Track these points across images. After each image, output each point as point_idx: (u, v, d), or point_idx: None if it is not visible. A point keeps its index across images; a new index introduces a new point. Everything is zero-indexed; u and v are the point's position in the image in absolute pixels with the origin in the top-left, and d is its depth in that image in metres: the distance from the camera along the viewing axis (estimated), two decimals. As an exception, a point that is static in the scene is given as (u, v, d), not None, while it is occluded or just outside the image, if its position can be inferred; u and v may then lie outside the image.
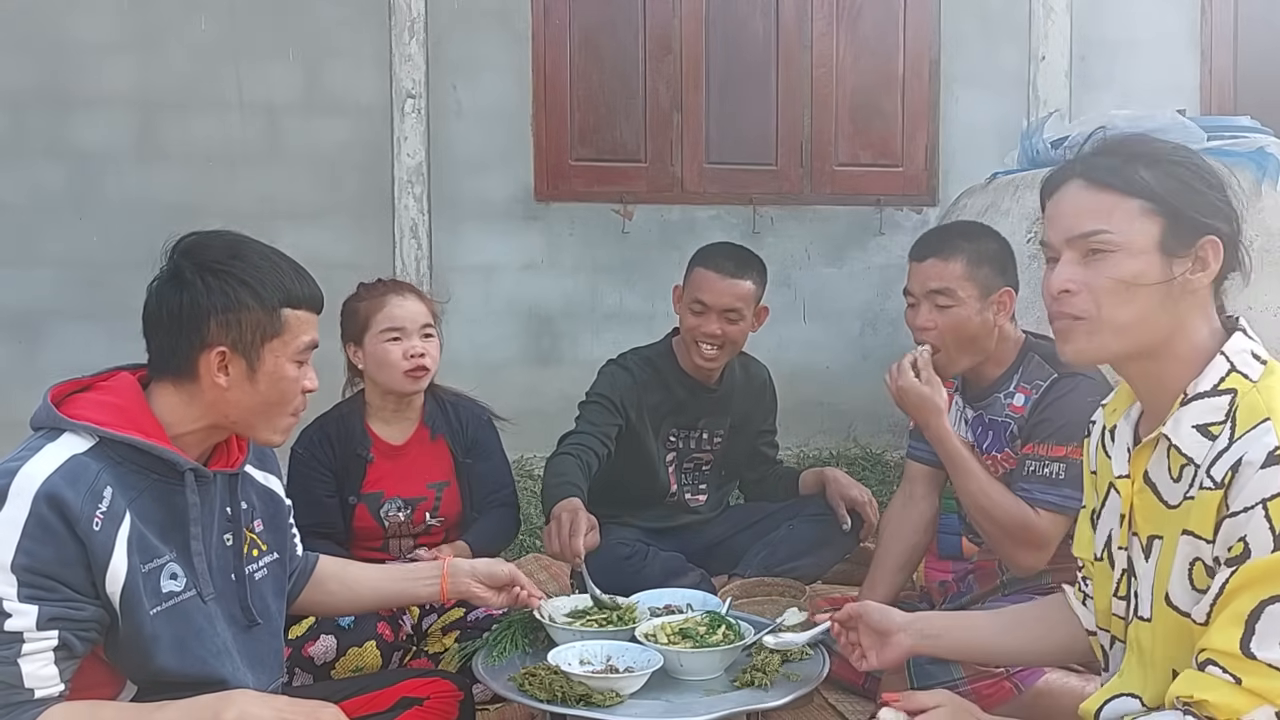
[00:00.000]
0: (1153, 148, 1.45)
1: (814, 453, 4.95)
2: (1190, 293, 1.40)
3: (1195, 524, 1.33)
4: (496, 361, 4.81)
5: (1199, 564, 1.33)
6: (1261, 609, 1.23)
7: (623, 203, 4.99)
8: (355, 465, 2.57)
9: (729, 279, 2.87)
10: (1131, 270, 1.39)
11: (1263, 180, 3.65)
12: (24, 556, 1.42)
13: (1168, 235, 1.39)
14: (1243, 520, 1.26)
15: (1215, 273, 1.41)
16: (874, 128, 5.26)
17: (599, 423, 2.86)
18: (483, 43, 4.84)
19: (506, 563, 2.11)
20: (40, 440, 1.53)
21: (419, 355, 2.52)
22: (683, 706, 1.85)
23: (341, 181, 4.74)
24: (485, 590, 2.04)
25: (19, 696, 1.42)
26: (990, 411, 2.50)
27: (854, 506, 3.06)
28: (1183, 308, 1.41)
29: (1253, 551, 1.25)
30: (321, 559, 2.03)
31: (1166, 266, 1.39)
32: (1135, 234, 1.40)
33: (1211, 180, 1.43)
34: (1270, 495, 1.25)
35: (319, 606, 2.04)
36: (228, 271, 1.61)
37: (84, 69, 4.49)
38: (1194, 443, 1.37)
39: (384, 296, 2.58)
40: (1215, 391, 1.37)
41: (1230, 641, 1.24)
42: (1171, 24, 5.49)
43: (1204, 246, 1.40)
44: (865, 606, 1.86)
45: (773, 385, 3.26)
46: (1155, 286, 1.39)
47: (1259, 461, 1.27)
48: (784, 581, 2.85)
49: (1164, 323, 1.41)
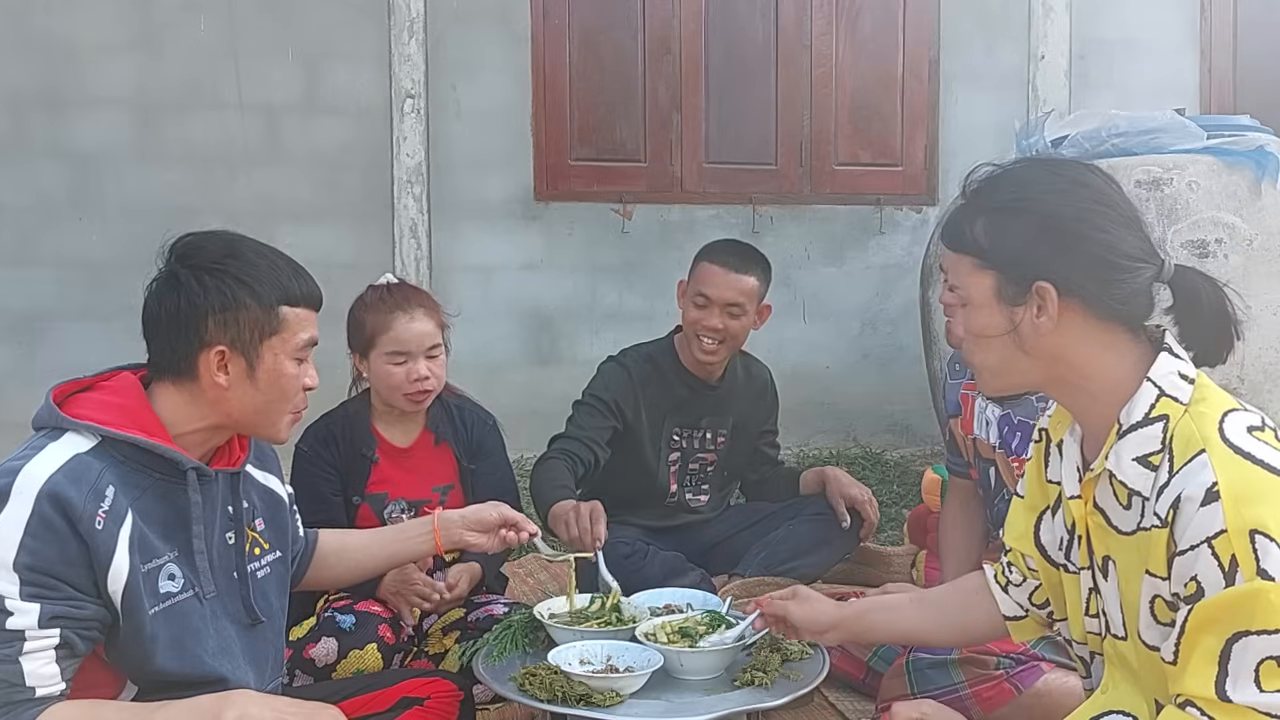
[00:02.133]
0: (992, 198, 1.46)
1: (814, 452, 4.95)
2: (1044, 335, 1.40)
3: (1151, 563, 1.33)
4: (496, 361, 4.82)
5: (1159, 600, 1.33)
6: (1229, 648, 1.23)
7: (622, 202, 4.99)
8: (360, 465, 2.57)
9: (733, 274, 2.88)
10: (978, 323, 1.45)
11: (1262, 179, 3.65)
12: (26, 555, 1.42)
13: (1002, 286, 1.42)
14: (1191, 559, 1.26)
15: (1055, 315, 1.39)
16: (873, 127, 5.27)
17: (588, 427, 2.88)
18: (482, 43, 4.85)
19: (495, 506, 2.14)
20: (42, 440, 1.53)
21: (422, 379, 2.51)
22: (683, 706, 1.85)
23: (341, 182, 4.75)
24: (477, 536, 2.09)
25: (20, 695, 1.42)
26: (1020, 411, 2.41)
27: (854, 505, 3.06)
28: (1054, 347, 1.41)
29: (1206, 590, 1.24)
30: (321, 535, 2.04)
31: (1008, 316, 1.42)
32: (973, 289, 1.45)
33: (1049, 222, 1.39)
34: (1214, 533, 1.24)
35: (323, 582, 2.07)
36: (224, 270, 1.61)
37: (84, 69, 4.50)
38: (1137, 475, 1.36)
39: (391, 314, 2.50)
40: (1148, 420, 1.36)
41: (1205, 686, 1.24)
42: (1171, 23, 5.50)
43: (1037, 292, 1.40)
44: (788, 610, 1.88)
45: (774, 386, 3.26)
46: (1004, 336, 1.43)
47: (1198, 499, 1.26)
48: (784, 581, 2.85)
49: (1036, 365, 1.43)
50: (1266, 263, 3.66)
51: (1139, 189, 3.65)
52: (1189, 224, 3.61)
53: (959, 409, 2.61)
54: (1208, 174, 3.64)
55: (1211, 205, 3.62)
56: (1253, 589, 1.21)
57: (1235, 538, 1.23)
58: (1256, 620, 1.21)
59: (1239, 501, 1.24)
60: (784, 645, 2.01)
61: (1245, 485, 1.26)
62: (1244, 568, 1.22)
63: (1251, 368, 3.64)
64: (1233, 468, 1.27)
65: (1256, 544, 1.22)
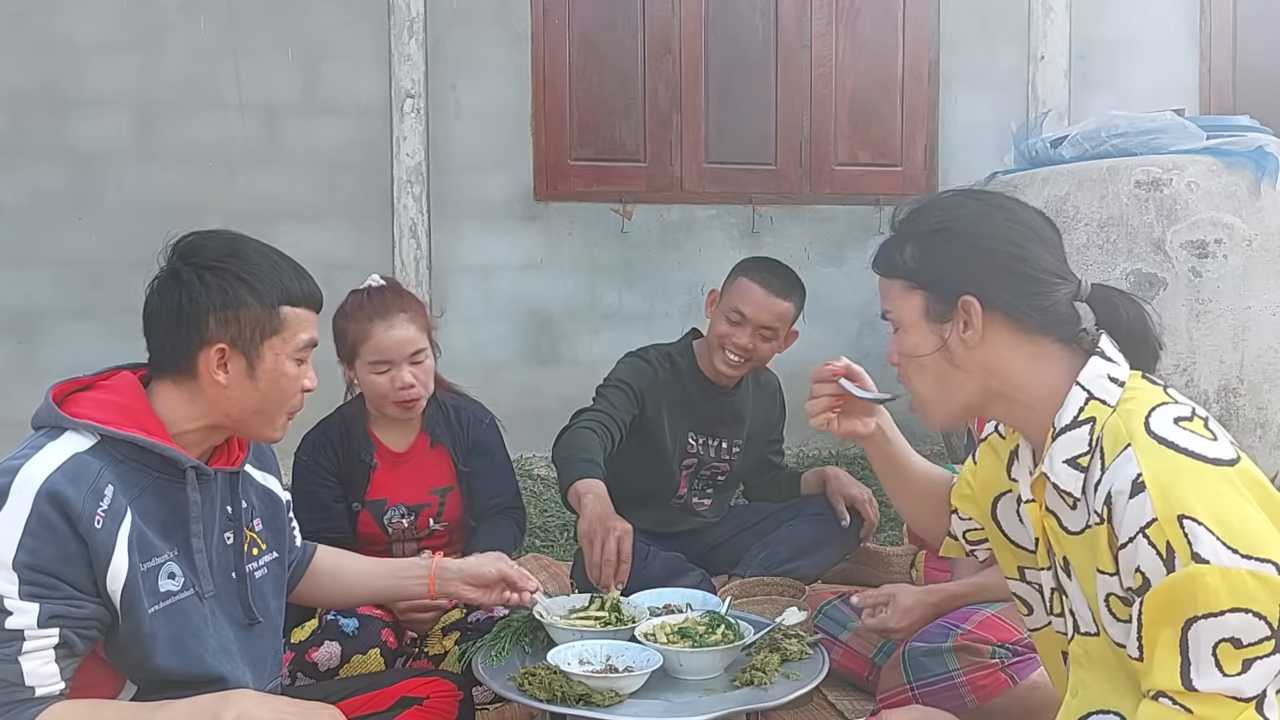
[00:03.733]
0: (919, 224, 1.53)
1: (814, 452, 4.95)
2: (972, 349, 1.46)
3: (1100, 560, 1.36)
4: (496, 361, 4.81)
5: (1113, 598, 1.36)
6: (1185, 636, 1.25)
7: (622, 202, 4.99)
8: (359, 471, 2.56)
9: (774, 296, 2.87)
10: (910, 342, 1.53)
11: (1261, 179, 3.65)
12: (25, 554, 1.42)
13: (930, 304, 1.50)
14: (1131, 551, 1.28)
15: (979, 328, 1.45)
16: (873, 127, 5.27)
17: (618, 404, 2.81)
18: (482, 42, 4.85)
19: (497, 560, 2.07)
20: (42, 439, 1.53)
21: (407, 387, 2.49)
22: (682, 706, 1.85)
23: (340, 181, 4.74)
24: (473, 591, 2.03)
25: (20, 694, 1.42)
26: None
27: (854, 504, 3.06)
28: (984, 360, 1.47)
29: (1151, 580, 1.26)
30: (319, 551, 2.03)
31: (937, 333, 1.49)
32: (904, 310, 1.53)
33: (970, 240, 1.47)
34: (1146, 523, 1.27)
35: (312, 598, 2.05)
36: (226, 269, 1.62)
37: (83, 69, 4.50)
38: (1069, 477, 1.40)
39: (370, 323, 2.46)
40: (1076, 423, 1.41)
41: (1172, 677, 1.26)
42: (1171, 24, 5.50)
43: (962, 306, 1.46)
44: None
45: (782, 393, 3.26)
46: (935, 354, 1.49)
47: (1127, 491, 1.29)
48: (784, 581, 2.86)
49: (969, 379, 1.49)
50: (1266, 263, 3.66)
51: (1138, 189, 3.65)
52: (1188, 224, 3.61)
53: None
54: (1207, 174, 3.64)
55: (1211, 206, 3.62)
56: (1189, 573, 1.23)
57: (1166, 525, 1.25)
58: (1200, 604, 1.23)
59: (1164, 489, 1.27)
60: (783, 645, 2.01)
61: (1168, 473, 1.28)
62: (1180, 554, 1.24)
63: (1251, 368, 3.63)
64: (1155, 457, 1.30)
65: (1186, 529, 1.24)
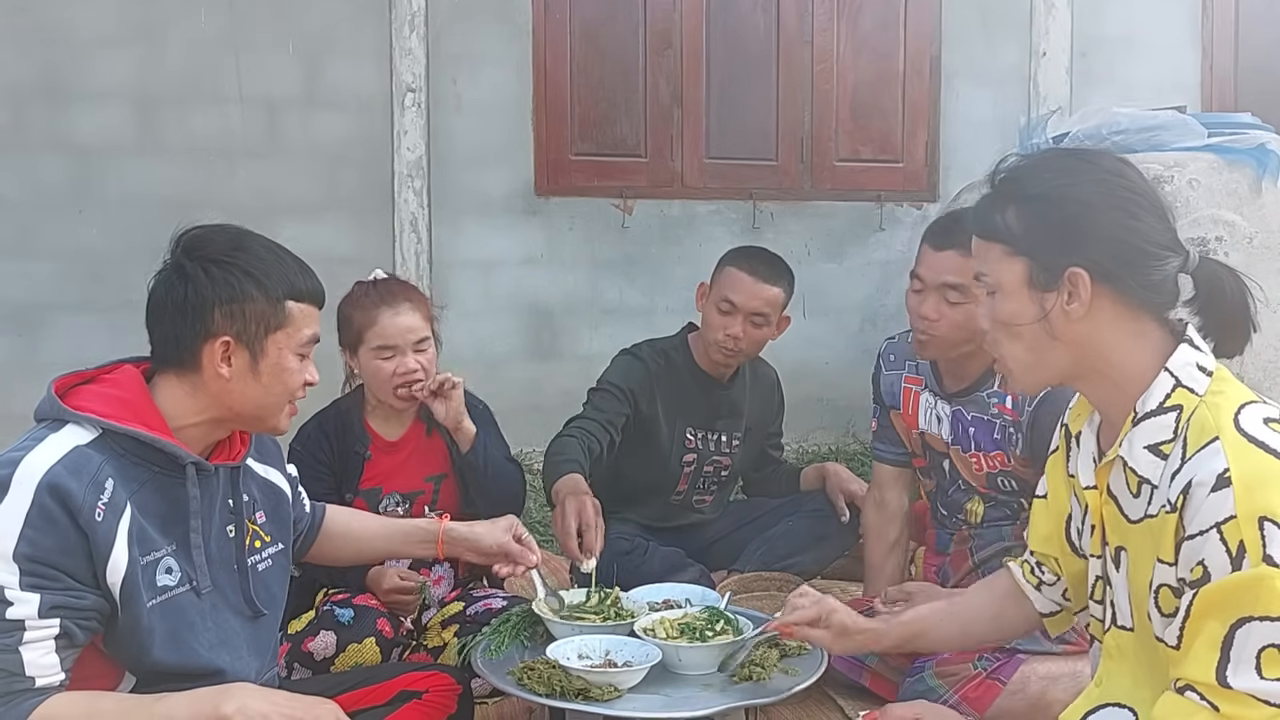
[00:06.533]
0: (1024, 186, 1.46)
1: (813, 448, 4.95)
2: (1075, 322, 1.41)
3: (1162, 550, 1.34)
4: (496, 356, 4.81)
5: (1165, 589, 1.34)
6: (1233, 634, 1.24)
7: (623, 197, 4.99)
8: (353, 462, 2.57)
9: (761, 283, 2.88)
10: (1007, 310, 1.46)
11: (1263, 177, 3.65)
12: (26, 545, 1.43)
13: (1034, 272, 1.43)
14: (1199, 544, 1.27)
15: (1088, 301, 1.40)
16: (874, 123, 5.26)
17: (606, 409, 2.84)
18: (483, 37, 4.84)
19: (506, 529, 2.10)
20: (43, 431, 1.54)
21: (411, 372, 2.51)
22: (681, 701, 1.86)
23: (341, 176, 4.74)
24: (478, 558, 2.14)
25: (20, 684, 1.43)
26: (973, 408, 2.47)
27: (853, 500, 3.06)
28: (1084, 334, 1.42)
29: (1212, 575, 1.25)
30: (329, 511, 2.07)
31: (1039, 302, 1.43)
32: (1004, 276, 1.46)
33: (1084, 210, 1.40)
34: (1224, 518, 1.25)
35: (324, 557, 2.09)
36: (232, 263, 1.62)
37: (83, 63, 4.49)
38: (1148, 463, 1.38)
39: (376, 310, 2.51)
40: (1162, 409, 1.38)
41: (1206, 671, 1.25)
42: (1173, 20, 5.49)
43: (1069, 278, 1.41)
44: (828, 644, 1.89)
45: (781, 387, 3.26)
46: (1034, 324, 1.43)
47: (1209, 484, 1.28)
48: (783, 576, 2.87)
49: (1066, 353, 1.44)
50: (1266, 260, 3.66)
51: (1140, 186, 3.65)
52: (1189, 221, 3.61)
53: (898, 401, 2.65)
54: (1208, 171, 3.64)
55: (1212, 203, 3.62)
56: (1258, 574, 1.22)
57: (1244, 523, 1.24)
58: (1260, 606, 1.22)
59: (1250, 488, 1.25)
60: (782, 641, 2.01)
61: (1257, 472, 1.27)
62: (1251, 553, 1.23)
63: (1251, 365, 3.64)
64: (1246, 455, 1.29)
65: (1265, 530, 1.23)
